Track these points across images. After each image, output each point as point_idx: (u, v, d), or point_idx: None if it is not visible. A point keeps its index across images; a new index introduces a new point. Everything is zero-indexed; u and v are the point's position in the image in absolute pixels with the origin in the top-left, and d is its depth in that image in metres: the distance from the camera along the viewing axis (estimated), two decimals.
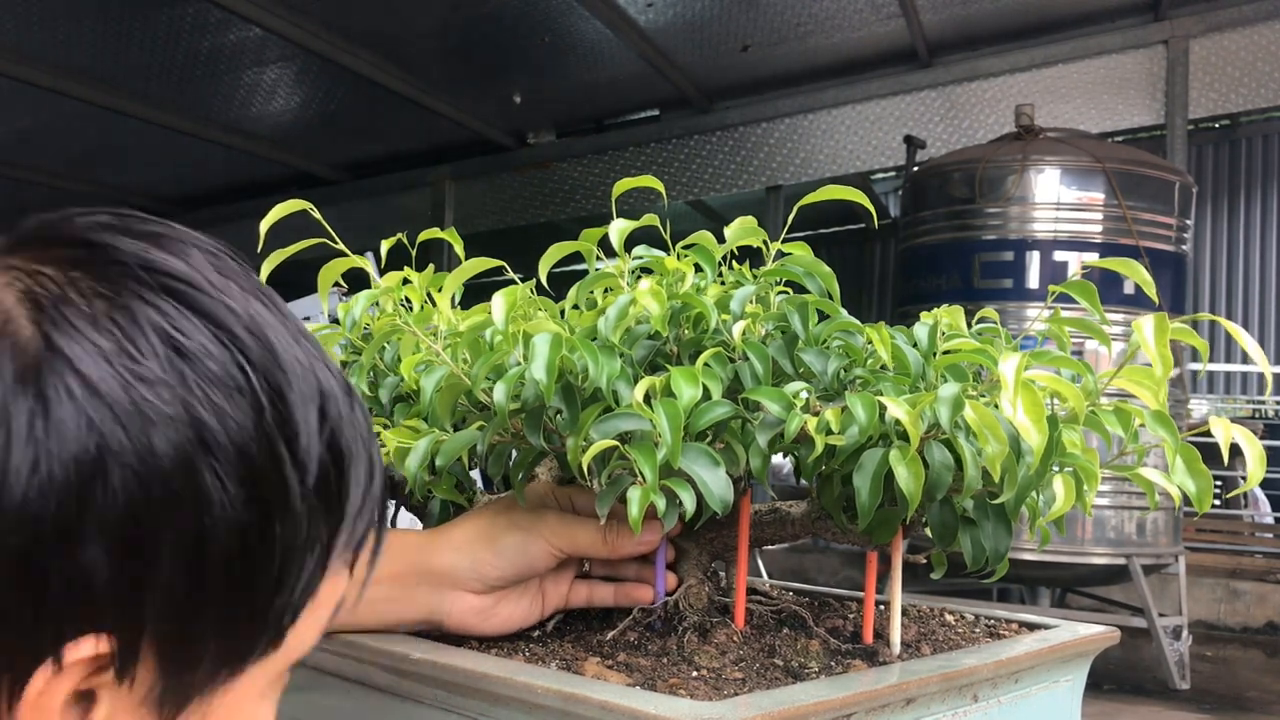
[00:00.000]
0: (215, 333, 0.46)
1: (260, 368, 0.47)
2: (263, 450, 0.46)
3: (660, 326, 0.78)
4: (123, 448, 0.42)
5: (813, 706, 0.65)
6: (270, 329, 0.48)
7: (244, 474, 0.45)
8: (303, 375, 0.48)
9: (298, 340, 0.50)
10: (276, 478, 0.46)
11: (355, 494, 0.51)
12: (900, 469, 0.68)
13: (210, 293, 0.47)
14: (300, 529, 0.48)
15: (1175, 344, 0.75)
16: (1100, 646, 0.97)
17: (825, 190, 0.96)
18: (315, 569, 0.50)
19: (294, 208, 0.97)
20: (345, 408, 0.51)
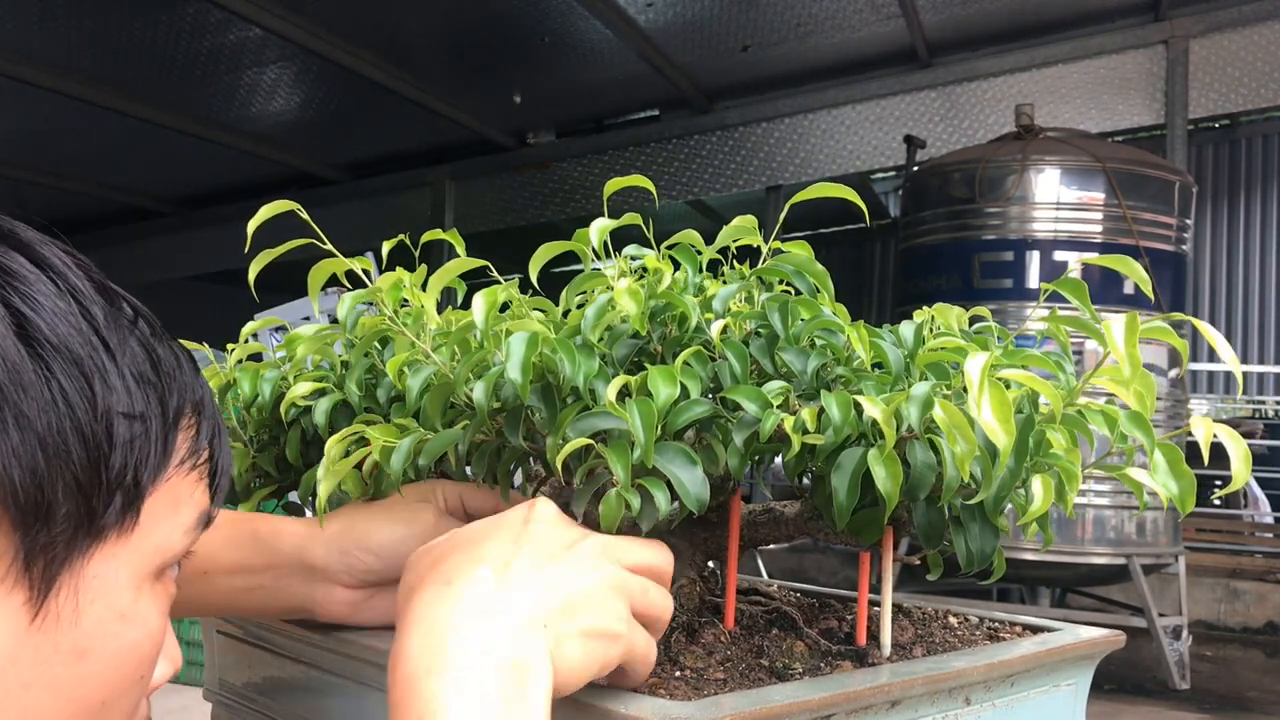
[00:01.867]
0: (24, 255, 0.53)
1: (60, 271, 0.54)
2: (76, 334, 0.52)
3: (639, 325, 0.78)
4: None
5: (788, 707, 0.64)
6: (68, 259, 0.56)
7: (63, 354, 0.51)
8: (103, 290, 0.56)
9: (101, 281, 0.57)
10: (95, 357, 0.52)
11: (185, 399, 0.58)
12: (877, 469, 0.68)
13: (38, 244, 0.55)
14: (124, 399, 0.53)
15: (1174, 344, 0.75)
16: (1103, 650, 0.96)
17: (818, 188, 0.95)
18: (150, 442, 0.54)
19: (281, 208, 0.97)
20: (163, 333, 0.58)
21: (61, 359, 0.51)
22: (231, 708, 1.10)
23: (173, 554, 0.58)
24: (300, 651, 0.96)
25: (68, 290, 0.54)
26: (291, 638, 0.96)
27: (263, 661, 1.04)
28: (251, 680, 1.07)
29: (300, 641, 0.95)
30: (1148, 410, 0.74)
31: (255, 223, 0.94)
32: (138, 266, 10.11)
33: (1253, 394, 10.19)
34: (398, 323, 0.90)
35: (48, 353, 0.51)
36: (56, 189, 9.28)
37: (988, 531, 0.80)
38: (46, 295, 0.53)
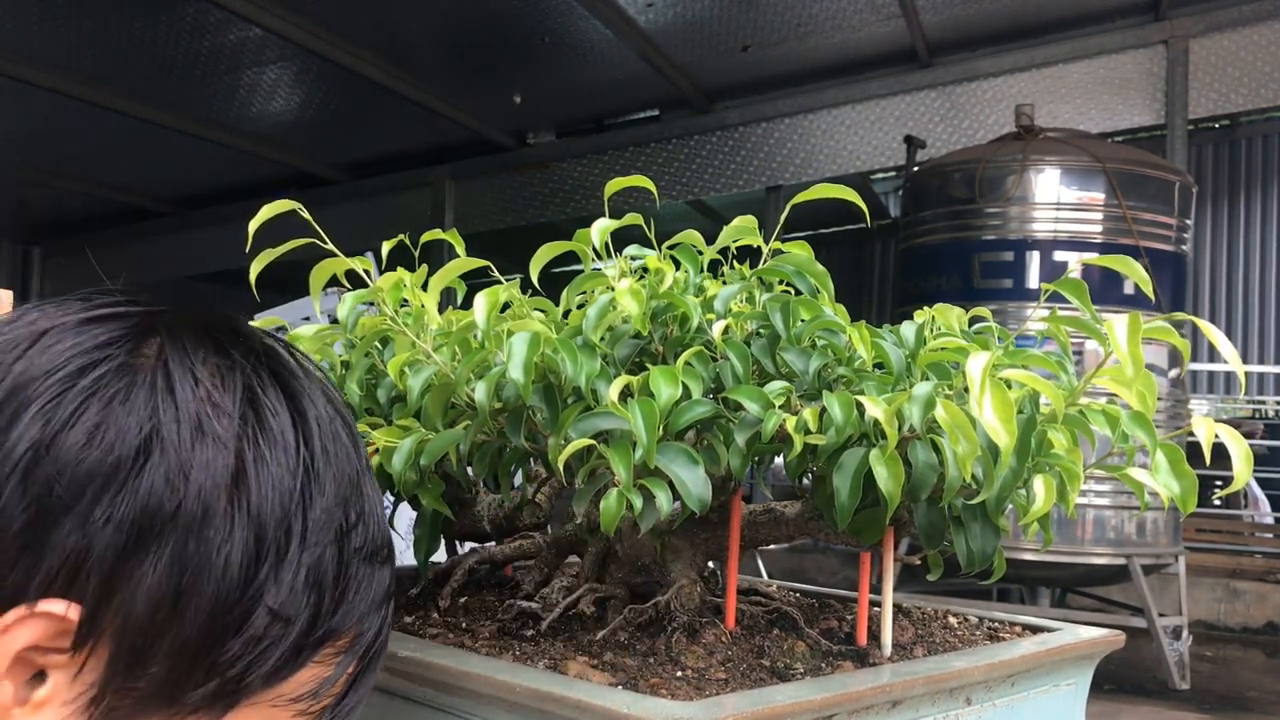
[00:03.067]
0: (290, 408, 0.52)
1: (313, 448, 0.52)
2: (279, 513, 0.49)
3: (640, 326, 0.78)
4: (172, 442, 0.47)
5: (790, 707, 0.64)
6: (339, 439, 0.54)
7: (255, 525, 0.48)
8: (348, 481, 0.53)
9: (362, 474, 0.55)
10: (282, 543, 0.49)
11: (343, 621, 0.54)
12: (879, 469, 0.68)
13: (304, 384, 0.54)
14: (285, 604, 0.50)
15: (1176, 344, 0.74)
16: (1103, 650, 0.96)
17: (818, 189, 0.96)
18: (288, 653, 0.51)
19: (282, 208, 0.97)
20: (370, 553, 0.55)
21: (251, 524, 0.49)
22: None
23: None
24: None
25: (301, 462, 0.52)
26: None
27: None
28: None
29: None
30: (1149, 410, 0.74)
31: (256, 222, 0.94)
32: (138, 266, 10.10)
33: (1253, 394, 10.18)
34: (399, 323, 0.90)
35: (242, 512, 0.48)
36: (56, 189, 9.27)
37: (989, 531, 0.80)
38: (280, 453, 0.51)
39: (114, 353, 0.50)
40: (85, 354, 0.49)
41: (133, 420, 0.47)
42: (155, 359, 0.50)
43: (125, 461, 0.47)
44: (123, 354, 0.50)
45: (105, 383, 0.48)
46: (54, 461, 0.46)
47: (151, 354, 0.51)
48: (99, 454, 0.46)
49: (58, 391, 0.47)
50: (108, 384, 0.48)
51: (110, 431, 0.47)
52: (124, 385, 0.48)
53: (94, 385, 0.48)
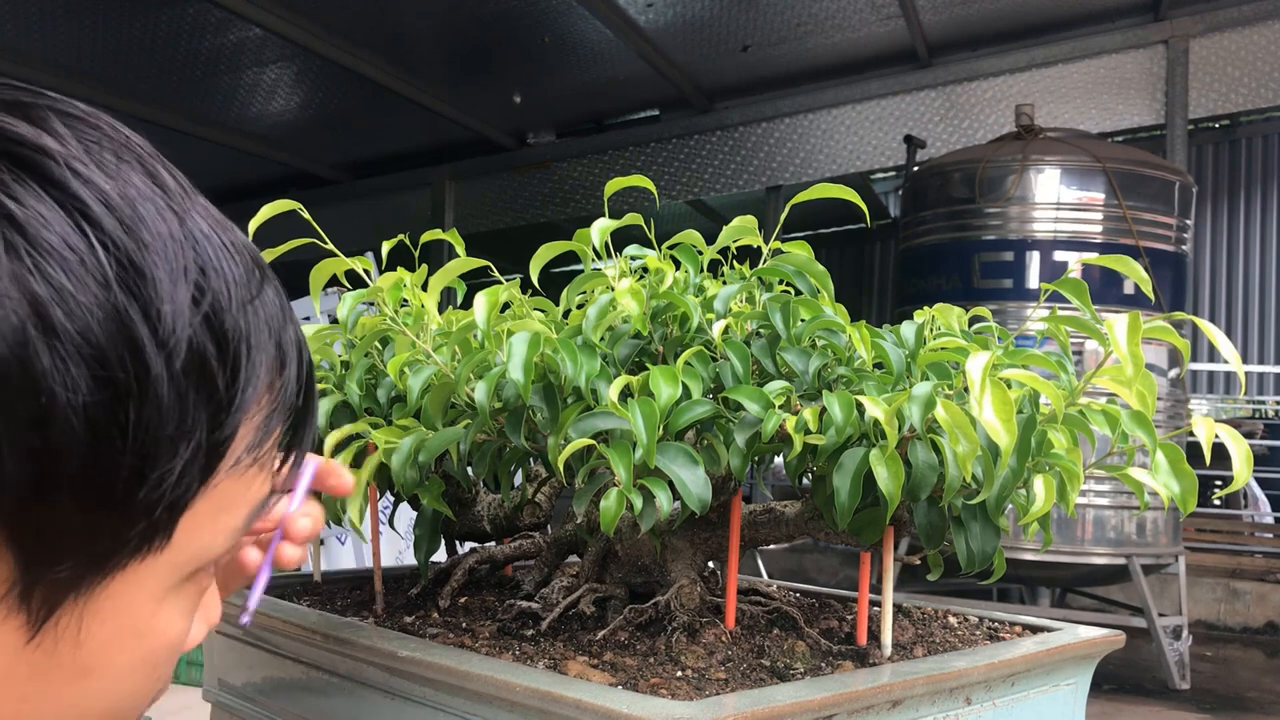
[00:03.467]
0: (60, 199, 0.42)
1: (112, 239, 0.42)
2: (111, 330, 0.42)
3: (640, 326, 0.78)
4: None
5: (790, 707, 0.64)
6: (137, 203, 0.44)
7: (89, 355, 0.41)
8: (173, 250, 0.44)
9: (185, 218, 0.46)
10: (131, 360, 0.42)
11: (254, 384, 0.48)
12: (879, 469, 0.68)
13: (60, 158, 0.43)
14: (167, 416, 0.43)
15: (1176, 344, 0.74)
16: (1103, 650, 0.96)
17: (818, 188, 0.96)
18: (194, 461, 0.45)
19: (282, 208, 0.97)
20: (241, 290, 0.47)
21: (78, 354, 0.41)
22: (231, 708, 1.10)
23: (211, 558, 0.50)
24: (300, 651, 0.96)
25: (81, 206, 0.42)
26: (291, 638, 0.96)
27: (262, 661, 1.04)
28: (251, 680, 1.07)
29: (300, 641, 0.95)
30: (1149, 410, 0.74)
31: (257, 222, 0.95)
32: None
33: (1253, 394, 10.18)
34: (399, 323, 0.90)
35: (59, 343, 0.40)
36: None
37: (989, 531, 0.80)
38: (45, 219, 0.41)
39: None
40: None
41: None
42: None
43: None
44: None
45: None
46: None
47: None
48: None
49: None
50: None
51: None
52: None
53: None
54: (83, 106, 0.48)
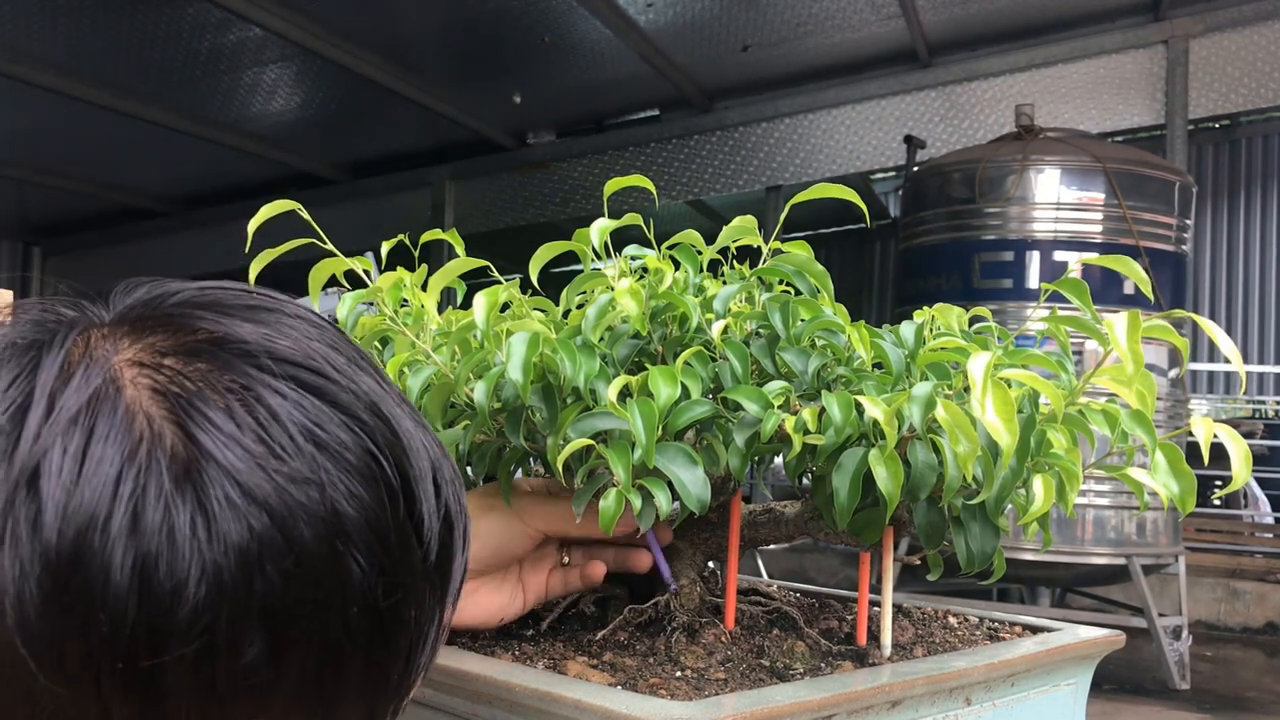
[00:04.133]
0: (346, 421, 0.46)
1: (388, 452, 0.47)
2: (397, 535, 0.46)
3: (639, 326, 0.78)
4: (279, 549, 0.43)
5: (789, 707, 0.64)
6: (384, 404, 0.49)
7: (382, 560, 0.46)
8: (418, 450, 0.49)
9: (401, 406, 0.50)
10: (407, 560, 0.47)
11: (459, 551, 0.52)
12: (879, 469, 0.68)
13: (334, 378, 0.47)
14: (425, 604, 0.49)
15: (1176, 344, 0.75)
16: (1104, 650, 0.96)
17: (817, 189, 0.96)
18: (435, 634, 0.50)
19: (282, 208, 0.97)
20: (449, 471, 0.52)
21: (376, 564, 0.45)
22: None
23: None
24: None
25: (362, 425, 0.47)
26: None
27: None
28: None
29: None
30: (1149, 410, 0.74)
31: (256, 222, 0.94)
32: (138, 267, 10.10)
33: (1253, 394, 10.18)
34: (398, 323, 0.90)
35: (360, 554, 0.45)
36: (56, 189, 9.28)
37: (988, 531, 0.81)
38: (344, 442, 0.46)
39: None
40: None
41: (231, 540, 0.43)
42: (179, 436, 0.44)
43: (242, 590, 0.42)
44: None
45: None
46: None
47: (167, 429, 0.44)
48: (208, 602, 0.42)
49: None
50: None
51: (210, 572, 0.42)
52: (188, 506, 0.43)
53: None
54: (292, 304, 0.52)
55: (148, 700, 0.42)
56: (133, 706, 0.42)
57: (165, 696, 0.42)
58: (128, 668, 0.41)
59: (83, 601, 0.40)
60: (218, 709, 0.43)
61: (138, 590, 0.41)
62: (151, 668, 0.41)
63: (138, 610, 0.41)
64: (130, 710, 0.42)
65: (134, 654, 0.41)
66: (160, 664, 0.41)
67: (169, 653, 0.41)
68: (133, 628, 0.41)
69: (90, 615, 0.40)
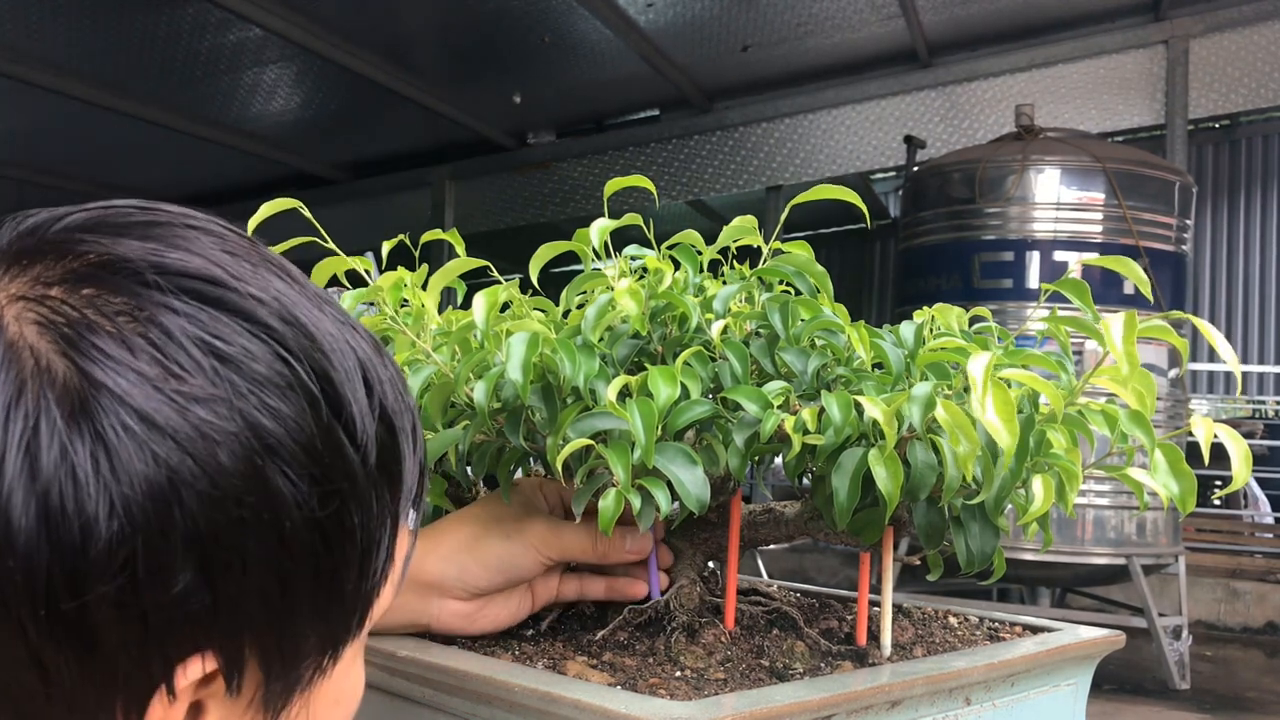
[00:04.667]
0: (250, 329, 0.44)
1: (302, 356, 0.45)
2: (324, 441, 0.45)
3: (639, 326, 0.78)
4: (192, 474, 0.41)
5: (789, 707, 0.64)
6: (297, 307, 0.47)
7: (312, 469, 0.44)
8: (341, 351, 0.47)
9: (321, 308, 0.48)
10: (342, 465, 0.45)
11: (406, 451, 0.51)
12: (878, 469, 0.68)
13: (233, 285, 0.45)
14: (371, 508, 0.47)
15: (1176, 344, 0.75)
16: (1104, 650, 0.96)
17: (818, 190, 0.96)
18: (389, 540, 0.49)
19: (283, 206, 0.97)
20: (382, 369, 0.50)
21: (306, 473, 0.44)
22: None
23: (381, 614, 0.53)
24: None
25: (269, 331, 0.45)
26: None
27: None
28: None
29: None
30: (1148, 410, 0.74)
31: (257, 220, 0.94)
32: None
33: (1253, 394, 10.18)
34: (399, 322, 0.90)
35: (288, 466, 0.43)
36: (56, 189, 9.27)
37: (988, 532, 0.81)
38: (250, 352, 0.44)
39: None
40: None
41: (135, 469, 0.41)
42: (69, 369, 0.42)
43: (155, 521, 0.41)
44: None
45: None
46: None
47: (57, 363, 0.42)
48: (122, 537, 0.40)
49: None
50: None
51: (119, 506, 0.40)
52: (86, 440, 0.41)
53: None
54: (194, 215, 0.51)
55: (80, 644, 0.41)
56: (65, 653, 0.41)
57: (97, 638, 0.41)
58: (50, 613, 0.40)
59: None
60: (158, 645, 0.42)
61: (45, 534, 0.39)
62: (76, 610, 0.40)
63: (49, 554, 0.39)
64: (64, 657, 0.41)
65: (54, 598, 0.40)
66: (84, 605, 0.40)
67: (90, 592, 0.40)
68: (48, 571, 0.39)
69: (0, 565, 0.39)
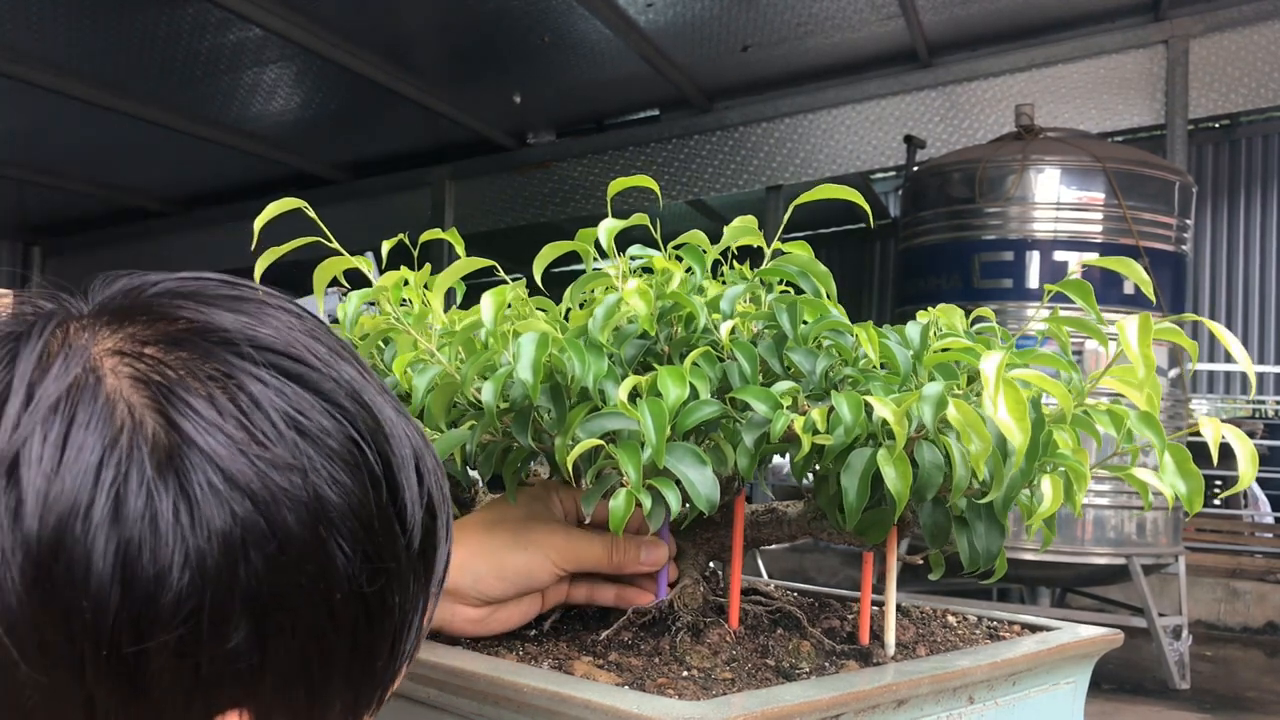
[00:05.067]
0: (328, 409, 0.47)
1: (370, 440, 0.47)
2: (380, 521, 0.47)
3: (647, 326, 0.78)
4: (263, 535, 0.43)
5: (798, 707, 0.64)
6: (365, 393, 0.49)
7: (366, 545, 0.46)
8: (400, 438, 0.50)
9: (384, 395, 0.51)
10: (391, 545, 0.47)
11: (442, 540, 0.53)
12: (887, 469, 0.68)
13: (315, 365, 0.48)
14: (409, 589, 0.49)
15: (1178, 344, 0.75)
16: (1102, 648, 0.96)
17: (821, 189, 0.96)
18: (419, 621, 0.51)
19: (288, 206, 0.97)
20: (431, 460, 0.52)
21: (360, 549, 0.46)
22: None
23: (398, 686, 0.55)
24: None
25: (344, 412, 0.47)
26: None
27: None
28: None
29: None
30: (1156, 410, 0.74)
31: (262, 220, 0.94)
32: (137, 266, 10.06)
33: (1252, 394, 10.18)
34: (404, 322, 0.90)
35: (343, 540, 0.45)
36: (56, 189, 9.27)
37: (993, 531, 0.81)
38: (326, 429, 0.46)
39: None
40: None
41: (214, 526, 0.43)
42: (161, 424, 0.44)
43: (225, 576, 0.42)
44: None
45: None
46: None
47: (149, 417, 0.44)
48: (192, 589, 0.42)
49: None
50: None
51: (193, 559, 0.42)
52: (170, 493, 0.43)
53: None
54: (273, 294, 0.53)
55: (132, 688, 0.42)
56: (118, 695, 0.42)
57: (150, 684, 0.42)
58: (111, 655, 0.41)
59: (65, 589, 0.40)
60: (203, 696, 0.43)
61: (120, 578, 0.41)
62: (135, 655, 0.41)
63: (121, 597, 0.41)
64: (115, 699, 0.42)
65: (117, 641, 0.41)
66: (144, 650, 0.41)
67: (152, 639, 0.41)
68: (116, 614, 0.41)
69: (72, 603, 0.40)
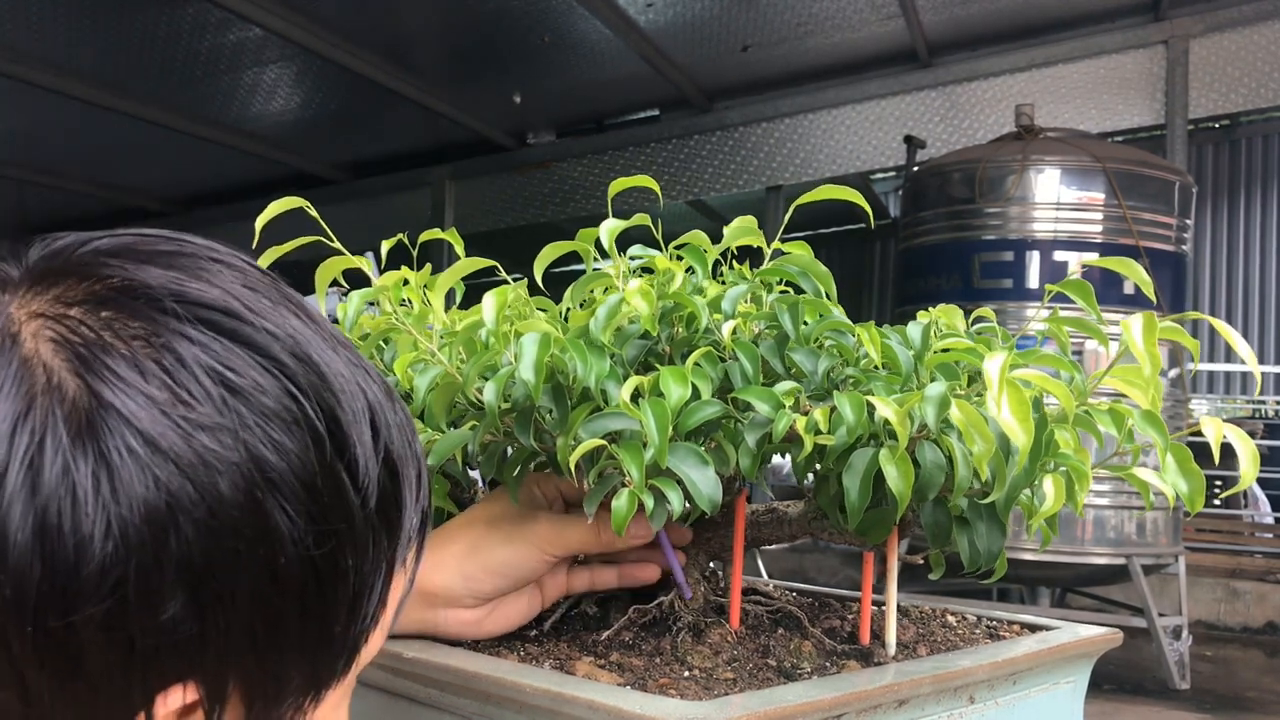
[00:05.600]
0: (262, 363, 0.44)
1: (311, 393, 0.45)
2: (325, 480, 0.45)
3: (649, 326, 0.78)
4: (191, 501, 0.41)
5: (801, 707, 0.64)
6: (310, 345, 0.47)
7: (310, 507, 0.44)
8: (350, 392, 0.47)
9: (335, 349, 0.49)
10: (341, 506, 0.46)
11: (409, 499, 0.51)
12: (889, 469, 0.68)
13: (249, 319, 0.45)
14: (367, 552, 0.47)
15: (1178, 344, 0.75)
16: (1102, 648, 0.96)
17: (822, 190, 0.96)
18: (383, 586, 0.49)
19: (290, 205, 0.97)
20: (391, 414, 0.50)
21: (304, 510, 0.44)
22: None
23: (372, 658, 0.53)
24: None
25: (280, 366, 0.45)
26: None
27: None
28: None
29: None
30: (1157, 410, 0.74)
31: (264, 219, 0.94)
32: None
33: (1252, 393, 10.18)
34: (404, 322, 0.90)
35: (286, 501, 0.43)
36: (56, 189, 9.27)
37: (995, 531, 0.81)
38: (260, 385, 0.44)
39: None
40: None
41: (135, 492, 0.41)
42: (80, 388, 0.42)
43: (150, 546, 0.40)
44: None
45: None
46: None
47: (68, 381, 0.42)
48: (116, 559, 0.40)
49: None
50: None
51: (115, 527, 0.40)
52: (89, 459, 0.40)
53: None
54: (219, 249, 0.50)
55: (64, 663, 0.41)
56: (49, 670, 0.41)
57: (82, 660, 0.41)
58: (37, 630, 0.40)
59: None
60: (141, 670, 0.42)
61: (39, 550, 0.39)
62: (62, 629, 0.40)
63: (42, 570, 0.39)
64: (47, 674, 0.41)
65: (42, 616, 0.40)
66: (71, 624, 0.40)
67: (78, 613, 0.40)
68: (38, 588, 0.39)
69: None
